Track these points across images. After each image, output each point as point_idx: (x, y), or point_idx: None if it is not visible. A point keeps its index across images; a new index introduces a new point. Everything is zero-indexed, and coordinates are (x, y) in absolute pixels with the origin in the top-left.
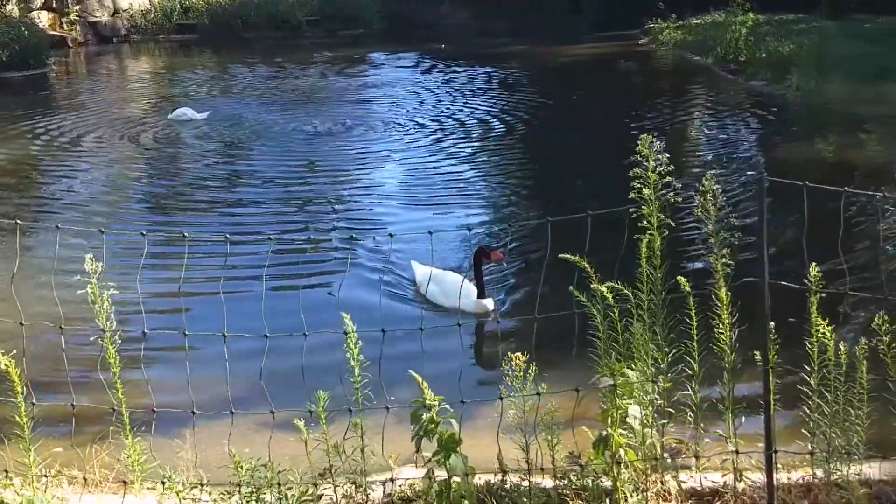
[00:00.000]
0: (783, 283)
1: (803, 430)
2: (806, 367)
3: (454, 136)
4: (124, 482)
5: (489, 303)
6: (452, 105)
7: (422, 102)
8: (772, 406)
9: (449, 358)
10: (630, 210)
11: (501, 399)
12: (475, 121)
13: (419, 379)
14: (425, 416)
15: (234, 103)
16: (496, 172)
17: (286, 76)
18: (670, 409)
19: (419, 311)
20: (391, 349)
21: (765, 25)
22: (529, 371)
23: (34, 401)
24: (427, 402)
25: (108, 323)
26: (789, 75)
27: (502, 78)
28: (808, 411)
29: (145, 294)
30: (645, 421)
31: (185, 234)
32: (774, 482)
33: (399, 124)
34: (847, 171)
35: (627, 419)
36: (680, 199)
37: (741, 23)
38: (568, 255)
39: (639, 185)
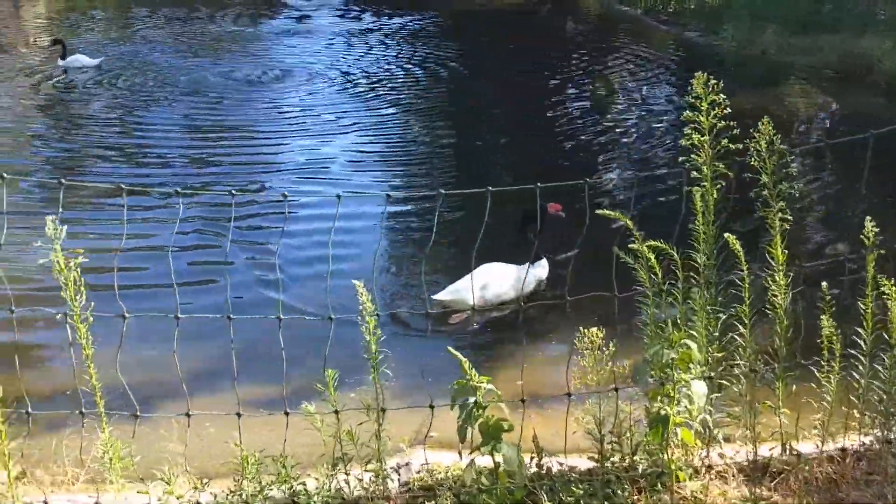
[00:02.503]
0: None
1: (851, 397)
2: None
3: (385, 89)
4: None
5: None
6: (382, 55)
7: (352, 52)
8: None
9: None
10: (681, 160)
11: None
12: (405, 72)
13: (460, 357)
14: (471, 401)
15: (142, 49)
16: (433, 130)
17: (198, 21)
18: (722, 381)
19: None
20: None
21: None
22: (607, 349)
23: None
24: (472, 383)
25: (77, 298)
26: (724, 25)
27: (430, 27)
28: (858, 376)
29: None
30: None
31: (123, 185)
32: None
33: (329, 75)
34: (790, 122)
35: (688, 397)
36: (740, 146)
37: None
38: (607, 211)
39: (689, 131)
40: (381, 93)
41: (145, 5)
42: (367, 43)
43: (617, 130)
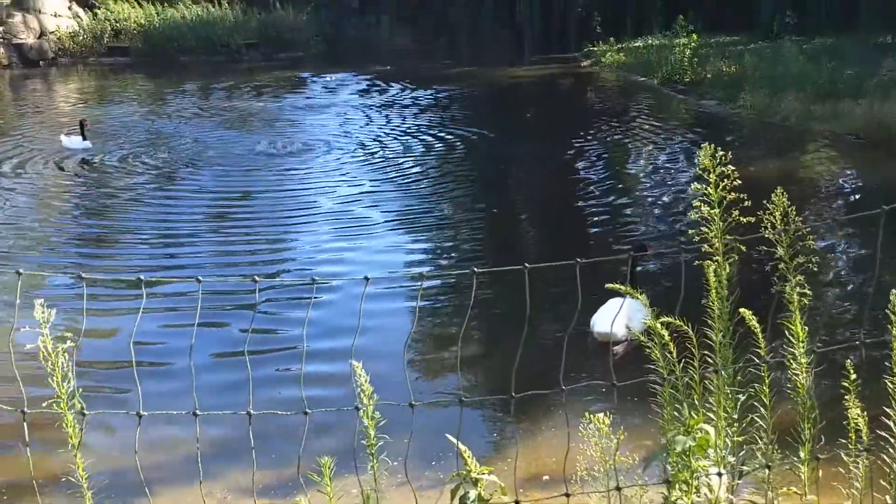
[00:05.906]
0: None
1: (882, 482)
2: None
3: (410, 163)
4: None
5: None
6: (400, 126)
7: (377, 125)
8: None
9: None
10: (691, 231)
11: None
12: (428, 144)
13: (458, 445)
14: (472, 494)
15: (170, 125)
16: (455, 201)
17: (224, 99)
18: (743, 467)
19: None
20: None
21: (705, 48)
22: (616, 436)
23: None
24: (472, 474)
25: (65, 385)
26: (742, 94)
27: (452, 100)
28: (889, 459)
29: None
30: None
31: (141, 276)
32: None
33: (349, 148)
34: (819, 187)
35: (707, 486)
36: (752, 220)
37: (685, 44)
38: (617, 286)
39: (698, 203)
40: (402, 164)
41: (173, 86)
42: (387, 116)
43: (634, 198)
